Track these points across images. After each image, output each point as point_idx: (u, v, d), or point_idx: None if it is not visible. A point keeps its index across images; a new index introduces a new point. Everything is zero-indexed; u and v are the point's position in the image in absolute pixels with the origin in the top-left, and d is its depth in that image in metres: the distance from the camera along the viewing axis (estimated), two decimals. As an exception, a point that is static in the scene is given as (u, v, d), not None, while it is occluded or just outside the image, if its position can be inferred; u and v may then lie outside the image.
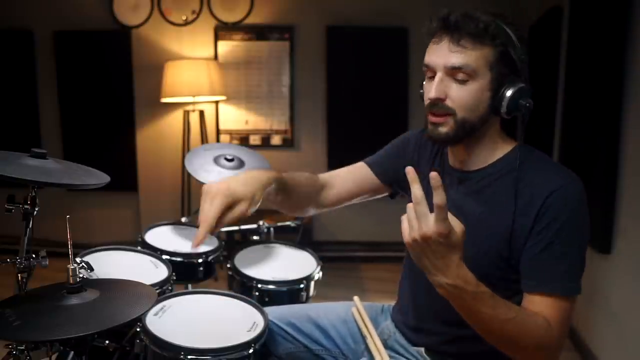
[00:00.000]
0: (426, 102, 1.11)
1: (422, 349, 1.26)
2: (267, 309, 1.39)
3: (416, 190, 0.89)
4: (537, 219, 1.04)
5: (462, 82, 1.06)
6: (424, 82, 1.15)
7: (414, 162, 1.30)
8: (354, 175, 1.41)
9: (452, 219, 0.89)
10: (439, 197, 0.86)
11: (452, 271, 0.91)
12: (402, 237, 0.93)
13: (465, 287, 0.92)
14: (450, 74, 1.06)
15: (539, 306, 1.02)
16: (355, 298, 1.46)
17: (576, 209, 1.04)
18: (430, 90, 1.08)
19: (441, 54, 1.06)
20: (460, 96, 1.06)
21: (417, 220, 0.89)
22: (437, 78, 1.07)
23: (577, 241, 1.04)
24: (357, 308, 1.41)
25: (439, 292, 0.95)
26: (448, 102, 1.07)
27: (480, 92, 1.06)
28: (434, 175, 0.87)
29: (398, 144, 1.40)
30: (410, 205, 0.91)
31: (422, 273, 1.26)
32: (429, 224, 0.88)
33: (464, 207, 1.13)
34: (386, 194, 1.44)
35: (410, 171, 0.90)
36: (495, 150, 1.15)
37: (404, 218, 0.92)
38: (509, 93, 1.06)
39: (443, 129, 1.09)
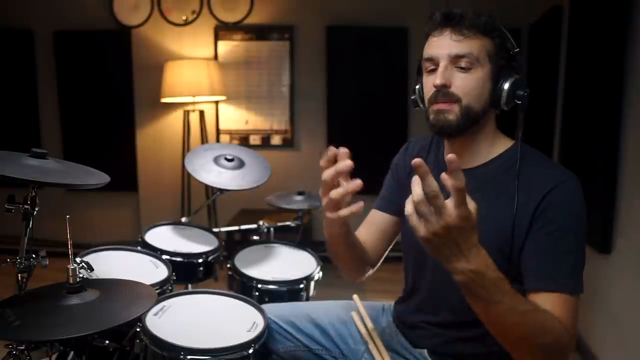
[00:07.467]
0: (428, 93, 1.12)
1: (425, 351, 1.26)
2: (267, 307, 1.39)
3: (431, 182, 0.80)
4: (536, 215, 1.04)
5: (466, 69, 1.08)
6: (422, 79, 1.16)
7: (411, 171, 1.27)
8: (375, 228, 1.36)
9: (467, 198, 0.81)
10: (457, 180, 0.78)
11: (474, 255, 0.84)
12: (416, 234, 0.84)
13: (487, 272, 0.86)
14: (454, 62, 1.08)
15: (547, 306, 0.97)
16: (355, 297, 1.47)
17: (576, 205, 1.05)
18: (435, 78, 1.08)
19: (444, 45, 1.08)
20: (465, 83, 1.08)
21: (434, 214, 0.81)
22: (441, 67, 1.08)
23: (579, 238, 1.04)
24: (357, 310, 1.41)
25: (457, 281, 0.86)
26: (453, 89, 1.08)
27: (482, 80, 1.09)
28: (451, 157, 0.78)
29: (390, 173, 1.40)
30: (417, 200, 0.82)
31: (424, 274, 1.26)
32: (450, 212, 0.80)
33: None
34: None
35: (419, 164, 0.80)
36: (493, 147, 1.16)
37: (412, 214, 0.83)
38: (507, 85, 1.09)
39: (450, 116, 1.09)
